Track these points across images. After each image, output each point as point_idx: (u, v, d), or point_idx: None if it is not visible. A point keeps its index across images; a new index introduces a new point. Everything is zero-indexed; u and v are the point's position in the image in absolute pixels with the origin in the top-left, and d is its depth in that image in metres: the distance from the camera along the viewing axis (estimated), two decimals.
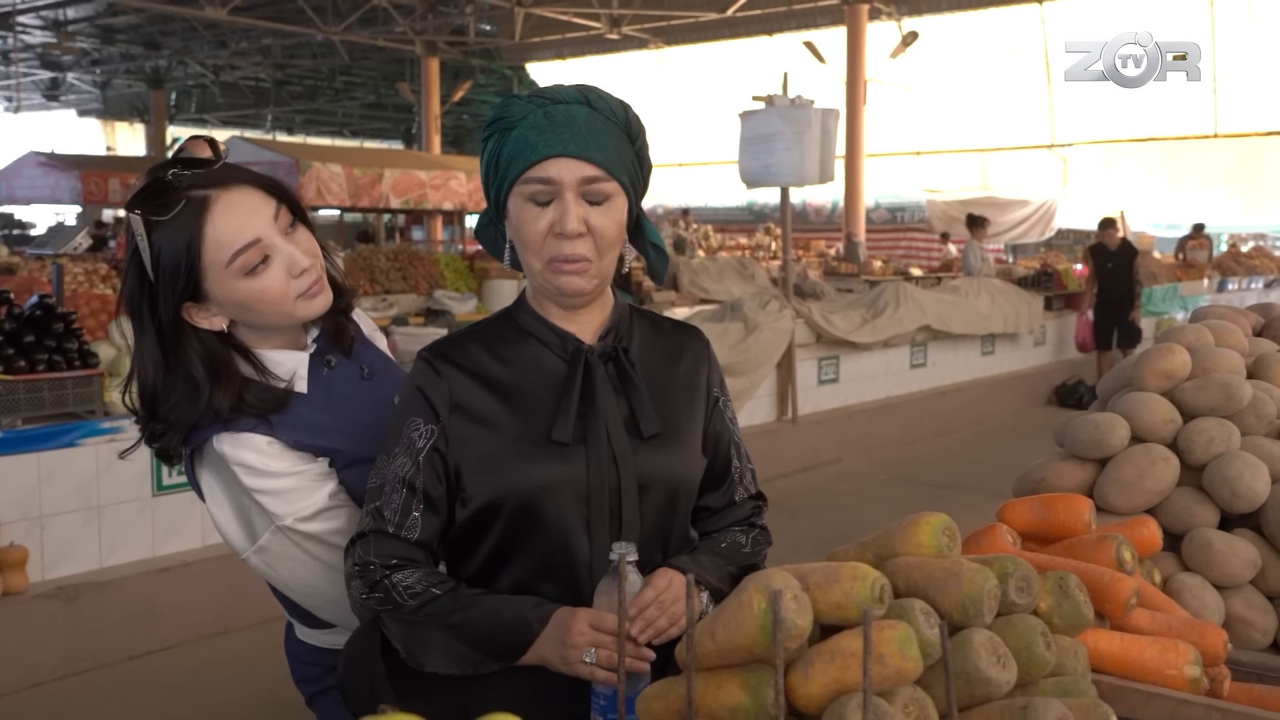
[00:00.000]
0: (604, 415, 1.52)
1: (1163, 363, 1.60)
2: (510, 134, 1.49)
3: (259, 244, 1.55)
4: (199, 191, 1.53)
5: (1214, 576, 1.42)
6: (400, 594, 1.47)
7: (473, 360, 1.54)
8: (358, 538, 1.51)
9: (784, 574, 1.06)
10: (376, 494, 1.51)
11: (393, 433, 1.53)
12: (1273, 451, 1.50)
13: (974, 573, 1.12)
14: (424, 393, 1.52)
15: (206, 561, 4.76)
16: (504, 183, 1.50)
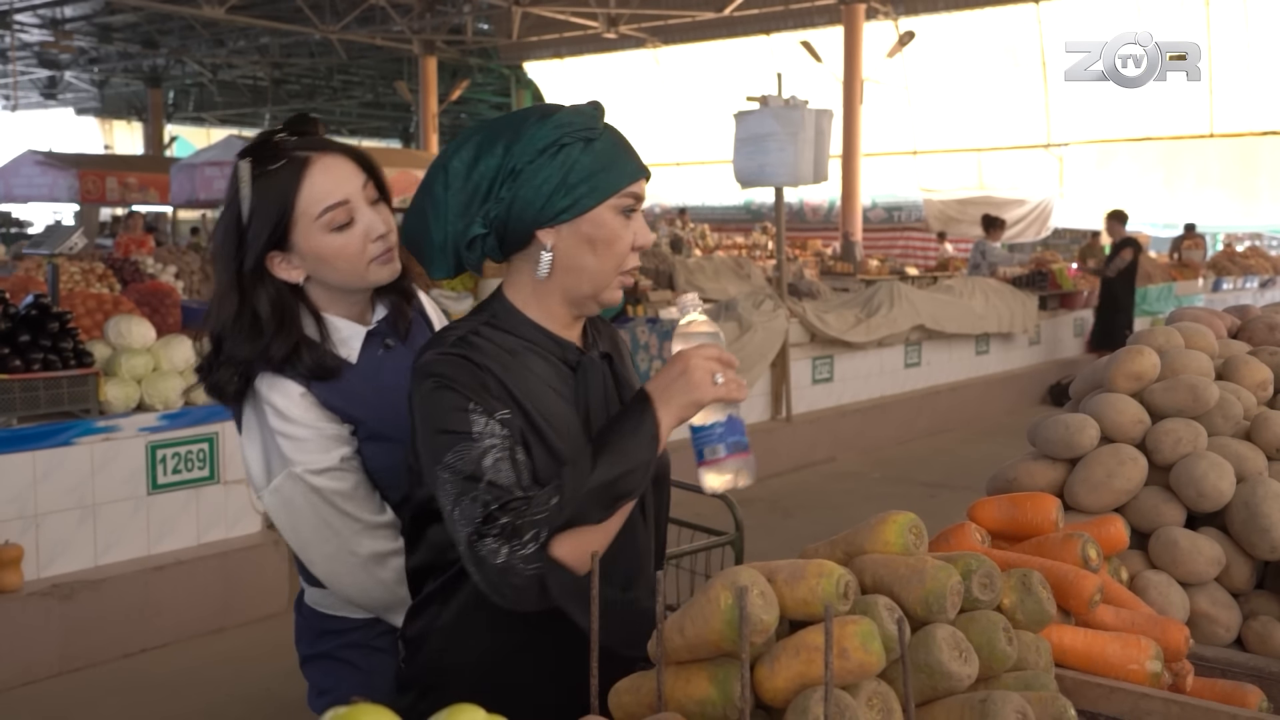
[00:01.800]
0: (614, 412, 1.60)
1: (1132, 364, 1.63)
2: (594, 145, 1.52)
3: (347, 205, 1.73)
4: (301, 153, 1.73)
5: (1179, 574, 1.45)
6: (542, 511, 1.41)
7: (490, 357, 1.53)
8: (482, 527, 1.41)
9: (751, 571, 1.09)
10: (475, 478, 1.43)
11: (451, 428, 1.47)
12: (1239, 452, 1.53)
13: (937, 570, 1.15)
14: (472, 386, 1.49)
15: (201, 560, 4.79)
16: (595, 193, 1.52)
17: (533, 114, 1.55)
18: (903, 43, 17.76)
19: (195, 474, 4.83)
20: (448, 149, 1.57)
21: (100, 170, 21.09)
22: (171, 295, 6.75)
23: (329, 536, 1.76)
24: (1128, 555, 1.51)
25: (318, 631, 1.91)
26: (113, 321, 4.85)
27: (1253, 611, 1.47)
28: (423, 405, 1.51)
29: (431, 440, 1.48)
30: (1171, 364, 1.65)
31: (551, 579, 1.40)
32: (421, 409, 1.51)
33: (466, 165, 1.53)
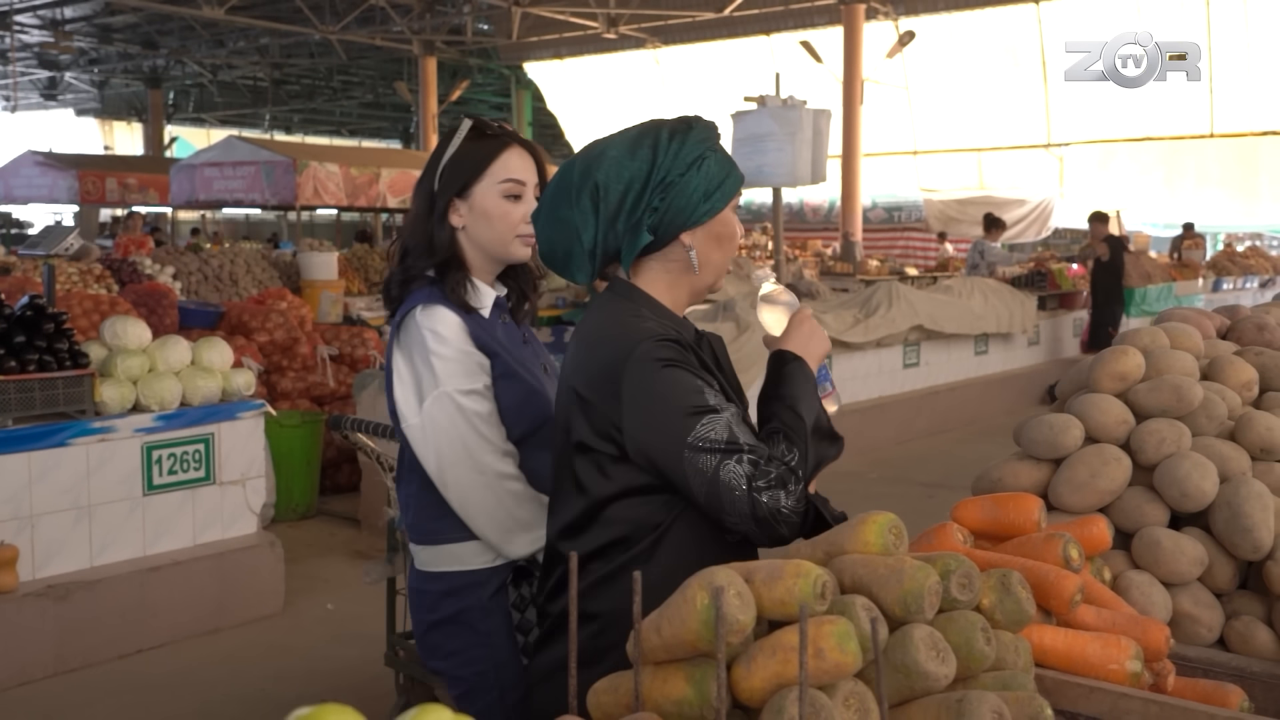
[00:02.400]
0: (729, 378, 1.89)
1: (1116, 365, 1.63)
2: (718, 154, 1.78)
3: (524, 185, 2.10)
4: (509, 137, 2.14)
5: (1162, 574, 1.45)
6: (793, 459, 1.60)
7: (680, 338, 1.74)
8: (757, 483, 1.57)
9: (728, 571, 1.09)
10: (734, 443, 1.59)
11: (691, 407, 1.63)
12: (1222, 452, 1.53)
13: (916, 570, 1.15)
14: (695, 365, 1.70)
15: (197, 560, 4.79)
16: (725, 197, 1.77)
17: (664, 129, 1.77)
18: (903, 43, 17.76)
19: (191, 475, 4.83)
20: (587, 165, 1.77)
21: (100, 171, 21.14)
22: (169, 296, 6.77)
23: (464, 456, 2.01)
24: (1111, 555, 1.51)
25: (437, 595, 2.12)
26: (108, 322, 4.85)
27: (1235, 611, 1.47)
28: (658, 389, 1.65)
29: (671, 420, 1.63)
30: (1156, 364, 1.64)
31: (822, 508, 1.61)
32: (656, 393, 1.65)
33: (621, 180, 1.73)
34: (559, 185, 1.80)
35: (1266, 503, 1.44)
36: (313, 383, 7.11)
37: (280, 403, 6.96)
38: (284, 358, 7.01)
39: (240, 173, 16.42)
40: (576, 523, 1.75)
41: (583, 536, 1.74)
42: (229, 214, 30.20)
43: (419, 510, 2.14)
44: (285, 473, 6.38)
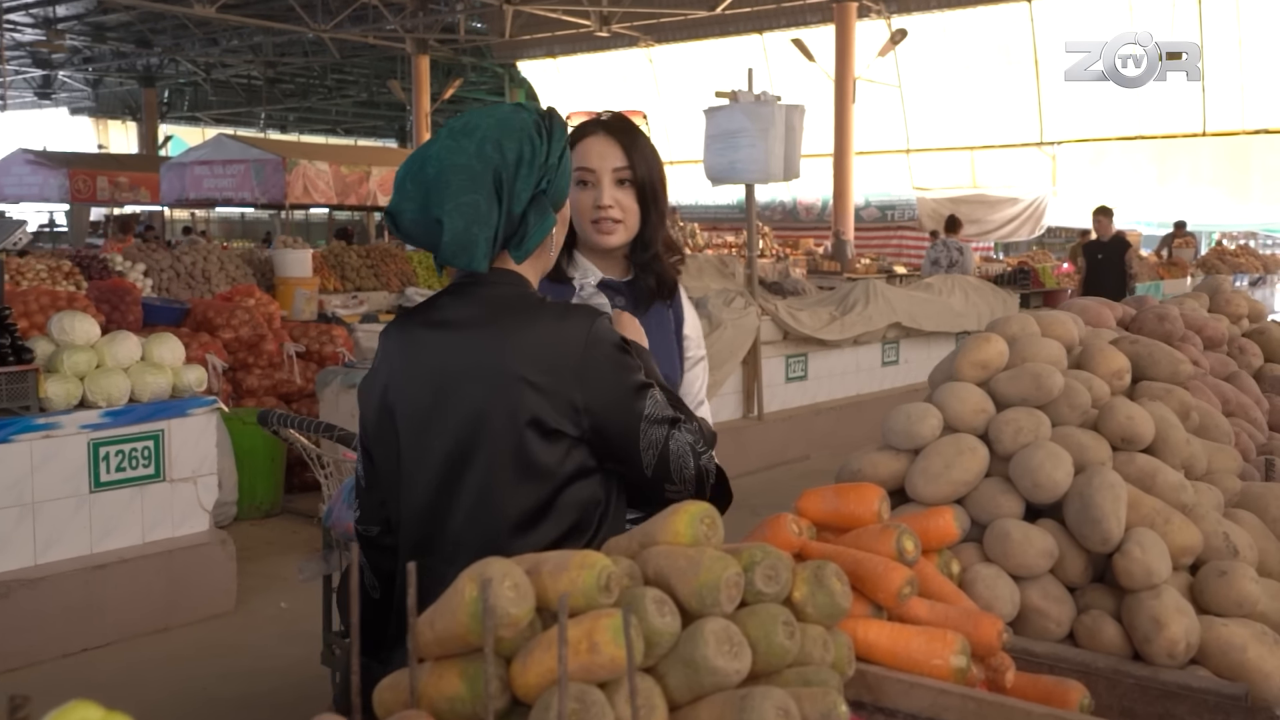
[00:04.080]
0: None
1: (978, 352, 1.58)
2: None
3: (593, 172, 2.16)
4: (585, 128, 2.23)
5: (1011, 567, 1.40)
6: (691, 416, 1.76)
7: None
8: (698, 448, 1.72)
9: (504, 562, 1.05)
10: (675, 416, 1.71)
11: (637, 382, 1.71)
12: (1081, 441, 1.48)
13: (714, 561, 1.10)
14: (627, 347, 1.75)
15: (146, 558, 4.74)
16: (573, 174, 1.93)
17: (532, 112, 1.77)
18: (895, 41, 17.71)
19: (140, 472, 4.78)
20: (469, 147, 1.70)
21: (91, 170, 21.10)
22: (132, 292, 6.72)
23: None
24: (963, 548, 1.46)
25: None
26: (56, 318, 4.81)
27: (1086, 605, 1.42)
28: (615, 367, 1.69)
29: (628, 397, 1.68)
30: (1021, 352, 1.59)
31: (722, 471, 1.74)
32: (614, 371, 1.69)
33: (519, 163, 1.71)
34: (452, 170, 1.71)
35: (1118, 494, 1.39)
36: (279, 380, 7.07)
37: (246, 400, 6.92)
38: (250, 355, 6.97)
39: (230, 171, 16.40)
40: (535, 512, 1.70)
41: (543, 526, 1.69)
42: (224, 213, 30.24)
43: None
44: (248, 470, 6.34)
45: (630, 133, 2.21)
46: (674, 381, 2.28)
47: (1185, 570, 1.45)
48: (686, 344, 2.36)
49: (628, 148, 2.17)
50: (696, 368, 2.39)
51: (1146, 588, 1.34)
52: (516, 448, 1.66)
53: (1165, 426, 1.53)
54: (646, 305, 2.26)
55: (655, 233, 2.23)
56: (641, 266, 2.25)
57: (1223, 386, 1.97)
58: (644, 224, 2.21)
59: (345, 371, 6.53)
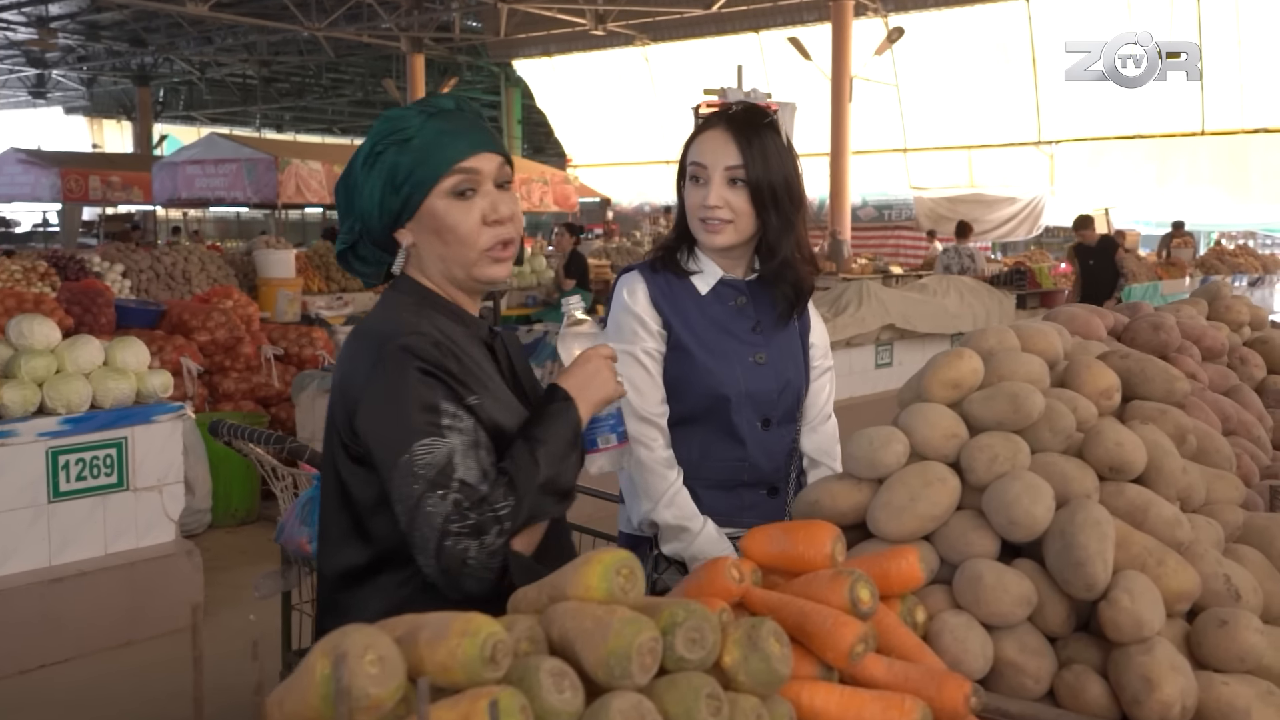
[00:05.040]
0: (529, 381, 1.75)
1: (949, 370, 1.41)
2: (411, 144, 1.57)
3: (704, 168, 2.06)
4: (707, 123, 2.13)
5: (983, 614, 1.23)
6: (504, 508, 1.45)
7: (446, 336, 1.57)
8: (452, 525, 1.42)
9: (368, 631, 0.88)
10: (445, 475, 1.44)
11: (418, 422, 1.47)
12: (1065, 471, 1.31)
13: (626, 624, 0.94)
14: (444, 366, 1.51)
15: (107, 570, 4.58)
16: (419, 188, 1.57)
17: (380, 119, 1.65)
18: (891, 39, 17.55)
19: (102, 481, 4.62)
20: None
21: (83, 169, 20.93)
22: (105, 294, 6.55)
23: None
24: (932, 591, 1.29)
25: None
26: (14, 321, 4.64)
27: (1069, 659, 1.25)
28: (390, 393, 1.49)
29: (394, 430, 1.47)
30: (997, 369, 1.42)
31: (515, 569, 1.43)
32: (387, 397, 1.49)
33: (349, 169, 1.65)
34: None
35: (1105, 531, 1.22)
36: (257, 383, 6.90)
37: (222, 404, 6.75)
38: (226, 358, 6.80)
39: (222, 170, 16.26)
40: (343, 535, 1.60)
41: (348, 550, 1.60)
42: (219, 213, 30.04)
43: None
44: (223, 477, 6.17)
45: (752, 129, 2.06)
46: (802, 391, 2.18)
47: (1181, 618, 1.29)
48: (813, 353, 2.26)
49: (744, 145, 2.04)
50: (823, 378, 2.28)
51: (1136, 641, 1.18)
52: (334, 465, 1.61)
53: (1159, 453, 1.37)
54: (786, 316, 2.15)
55: (780, 238, 2.08)
56: (773, 275, 2.13)
57: (1223, 402, 1.81)
58: (765, 228, 2.08)
59: (323, 375, 6.36)
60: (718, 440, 2.08)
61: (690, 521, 2.03)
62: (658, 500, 2.03)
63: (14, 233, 27.80)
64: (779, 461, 2.15)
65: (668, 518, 2.03)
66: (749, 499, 2.13)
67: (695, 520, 2.04)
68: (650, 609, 1.00)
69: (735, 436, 2.09)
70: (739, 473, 2.11)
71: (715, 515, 2.07)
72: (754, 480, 2.12)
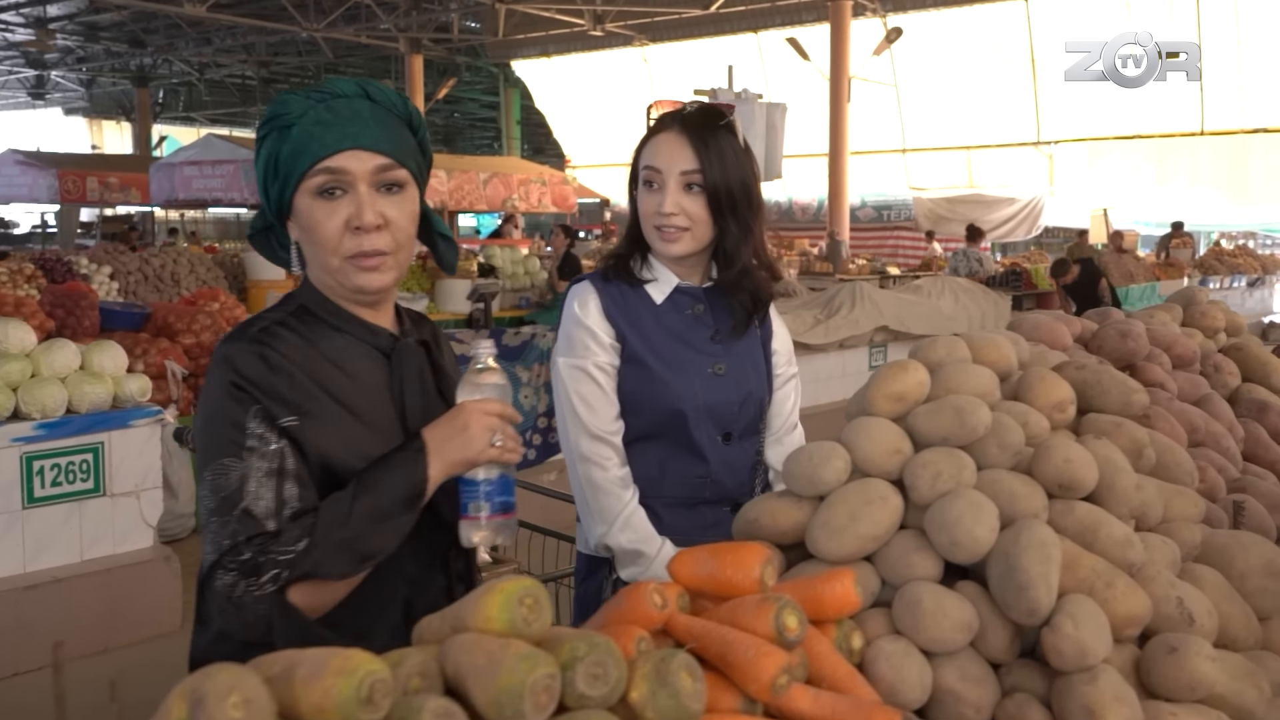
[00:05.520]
0: (431, 404, 1.55)
1: (894, 383, 1.35)
2: (290, 131, 1.46)
3: (659, 173, 1.98)
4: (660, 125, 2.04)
5: (922, 641, 1.17)
6: (287, 553, 1.33)
7: (295, 350, 1.46)
8: (225, 558, 1.34)
9: (234, 671, 0.82)
10: (233, 501, 1.35)
11: (222, 439, 1.38)
12: (1012, 489, 1.25)
13: (520, 660, 0.88)
14: (260, 383, 1.40)
15: (82, 577, 4.53)
16: (289, 181, 1.46)
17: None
18: (890, 40, 17.49)
19: (78, 486, 4.56)
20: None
21: (81, 170, 20.91)
22: (89, 297, 6.50)
23: (560, 426, 2.03)
24: (872, 615, 1.23)
25: (582, 573, 2.12)
26: None
27: (1012, 687, 1.19)
28: (206, 400, 1.43)
29: (204, 438, 1.42)
30: (945, 381, 1.36)
31: (278, 621, 1.30)
32: (205, 403, 1.43)
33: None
34: None
35: (1049, 554, 1.16)
36: None
37: None
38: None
39: (219, 171, 16.25)
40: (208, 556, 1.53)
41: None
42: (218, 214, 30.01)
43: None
44: None
45: (708, 131, 1.97)
46: (764, 401, 2.10)
47: (1132, 643, 1.23)
48: (775, 360, 2.17)
49: (700, 148, 1.94)
50: (787, 386, 2.20)
51: (1080, 669, 1.12)
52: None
53: (1111, 469, 1.31)
54: (743, 325, 2.07)
55: (738, 245, 2.01)
56: (730, 284, 2.05)
57: (1190, 413, 1.75)
58: (722, 235, 2.00)
59: None
60: (677, 456, 2.00)
61: (646, 545, 1.95)
62: (612, 523, 1.95)
63: (13, 234, 27.79)
64: (742, 476, 2.07)
65: (623, 541, 1.95)
66: (712, 517, 2.04)
67: (652, 543, 1.95)
68: (552, 642, 0.94)
69: (696, 452, 2.00)
70: (700, 489, 2.03)
71: (676, 535, 1.98)
72: (716, 497, 2.03)
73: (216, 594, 1.33)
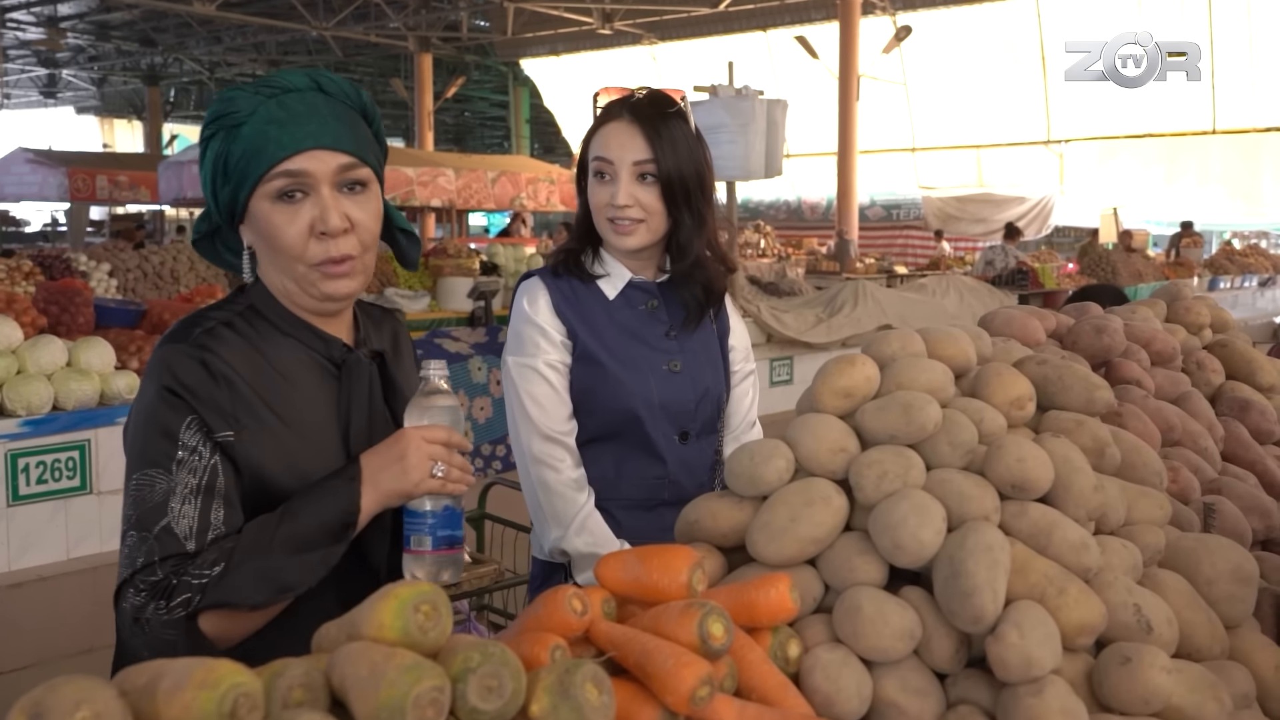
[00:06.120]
0: (377, 423, 1.49)
1: (840, 378, 1.28)
2: (240, 131, 1.37)
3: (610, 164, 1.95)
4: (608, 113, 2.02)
5: (862, 649, 1.11)
6: (201, 577, 1.27)
7: (240, 357, 1.39)
8: (136, 576, 1.29)
9: (86, 685, 0.77)
10: (154, 516, 1.29)
11: (150, 448, 1.32)
12: (962, 490, 1.19)
13: (403, 672, 0.82)
14: (198, 392, 1.33)
15: (68, 576, 4.49)
16: (242, 185, 1.38)
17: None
18: (899, 38, 17.38)
19: (64, 484, 4.53)
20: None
21: (90, 169, 20.94)
22: (83, 294, 6.45)
23: (511, 427, 1.97)
24: (812, 622, 1.17)
25: (539, 580, 2.08)
26: None
27: (957, 699, 1.13)
28: (140, 403, 1.37)
29: (134, 443, 1.35)
30: (896, 377, 1.30)
31: (184, 649, 1.24)
32: (139, 406, 1.37)
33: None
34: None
35: (996, 558, 1.10)
36: None
37: None
38: None
39: None
40: None
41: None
42: None
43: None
44: None
45: (660, 119, 1.91)
46: (722, 398, 2.05)
47: (1087, 653, 1.17)
48: (733, 356, 2.12)
49: (653, 137, 1.90)
50: (744, 383, 2.14)
51: (1025, 680, 1.06)
52: None
53: (1067, 469, 1.24)
54: (696, 319, 2.02)
55: (691, 237, 1.96)
56: (682, 275, 2.00)
57: (1167, 411, 1.68)
58: (676, 227, 1.95)
59: None
60: (633, 457, 1.94)
61: (605, 548, 1.88)
62: (568, 526, 1.89)
63: (23, 232, 27.87)
64: (701, 477, 2.01)
65: (579, 545, 1.88)
66: (671, 519, 1.95)
67: (608, 546, 1.88)
68: (447, 653, 0.88)
69: (652, 452, 1.95)
70: (658, 491, 1.97)
71: (634, 538, 1.91)
72: (675, 498, 1.96)
73: (124, 614, 1.28)
